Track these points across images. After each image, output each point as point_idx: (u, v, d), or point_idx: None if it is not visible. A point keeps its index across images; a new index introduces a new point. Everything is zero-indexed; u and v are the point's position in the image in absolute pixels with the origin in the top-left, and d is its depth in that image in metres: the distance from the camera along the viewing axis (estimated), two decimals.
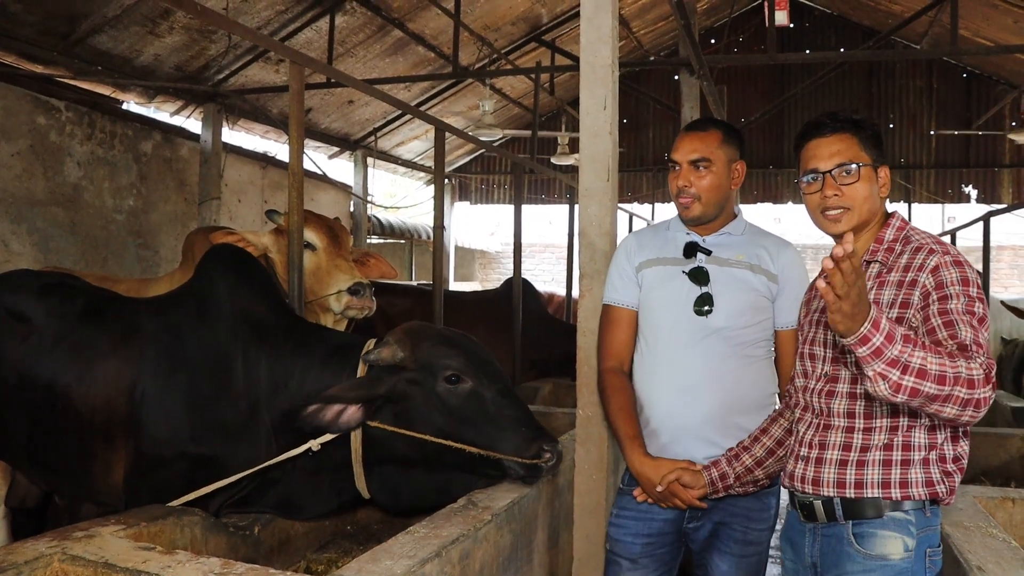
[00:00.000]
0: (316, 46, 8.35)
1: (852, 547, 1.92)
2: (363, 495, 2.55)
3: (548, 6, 9.99)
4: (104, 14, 6.57)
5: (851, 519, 1.93)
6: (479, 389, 2.41)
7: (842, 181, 1.97)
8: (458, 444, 2.36)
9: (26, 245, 6.63)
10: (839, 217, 1.98)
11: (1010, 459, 3.95)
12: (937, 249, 1.90)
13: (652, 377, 2.47)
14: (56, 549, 1.97)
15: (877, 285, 1.94)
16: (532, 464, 2.37)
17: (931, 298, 1.82)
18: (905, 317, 1.86)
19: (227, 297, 2.67)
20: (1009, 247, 16.09)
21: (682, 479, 2.29)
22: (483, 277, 18.35)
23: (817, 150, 2.01)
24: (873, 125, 2.04)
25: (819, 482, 1.96)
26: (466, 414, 2.39)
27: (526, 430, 2.40)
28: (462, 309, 5.99)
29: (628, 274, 2.54)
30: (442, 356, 2.42)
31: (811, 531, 2.02)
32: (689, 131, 2.51)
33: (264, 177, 9.70)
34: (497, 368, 2.51)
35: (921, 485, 1.88)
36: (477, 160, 14.53)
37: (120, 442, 2.58)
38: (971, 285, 1.82)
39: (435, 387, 2.40)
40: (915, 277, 1.88)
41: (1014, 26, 9.41)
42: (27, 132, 6.66)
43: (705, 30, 12.37)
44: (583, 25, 2.79)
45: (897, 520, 1.89)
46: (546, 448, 2.38)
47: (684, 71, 7.48)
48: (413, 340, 2.45)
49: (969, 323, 1.75)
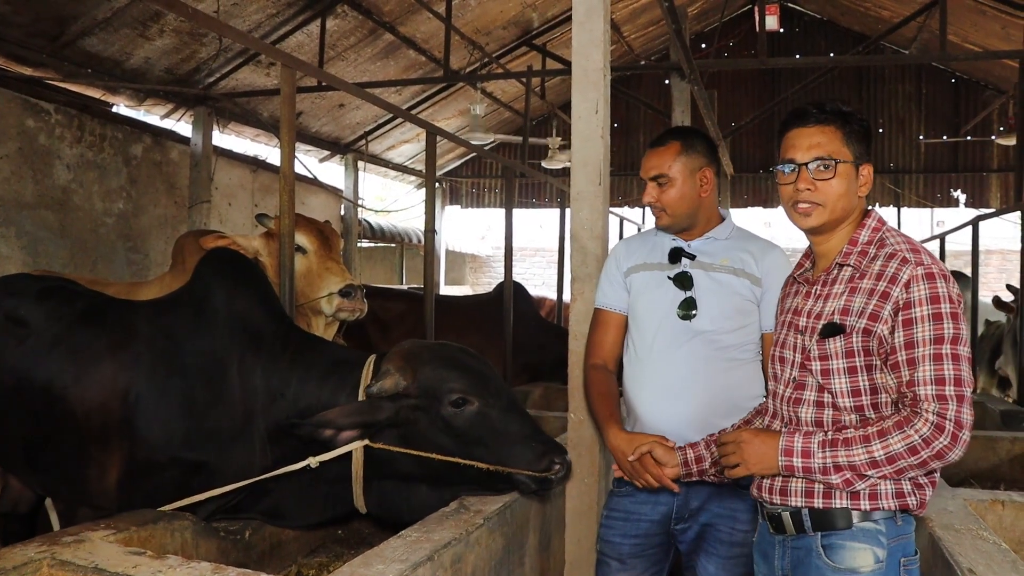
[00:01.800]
0: (307, 49, 8.34)
1: (821, 560, 1.86)
2: (360, 511, 2.54)
3: (539, 10, 10.01)
4: (94, 16, 6.54)
5: (820, 530, 1.87)
6: (485, 409, 2.38)
7: (817, 176, 1.90)
8: (467, 461, 2.35)
9: (15, 248, 6.59)
10: (809, 211, 1.92)
11: (999, 462, 3.97)
12: (911, 259, 1.82)
13: (639, 380, 2.50)
14: (45, 554, 1.96)
15: (849, 291, 1.88)
16: (543, 477, 2.37)
17: (899, 318, 1.79)
18: (873, 330, 1.81)
19: (224, 303, 2.66)
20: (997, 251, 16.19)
21: (655, 452, 2.24)
22: (474, 281, 18.34)
23: (797, 140, 1.94)
24: (861, 120, 1.97)
25: (787, 492, 1.91)
26: (474, 434, 2.37)
27: (536, 444, 2.39)
28: (455, 313, 5.99)
29: (616, 279, 2.60)
30: (445, 380, 2.39)
31: (780, 543, 1.97)
32: (650, 147, 2.53)
33: (254, 180, 9.68)
34: (500, 383, 2.49)
35: (891, 497, 1.82)
36: (468, 164, 14.53)
37: (115, 446, 2.56)
38: (942, 301, 1.76)
39: (440, 412, 2.37)
40: (887, 289, 1.81)
41: (1002, 32, 9.48)
42: (16, 135, 6.62)
43: (696, 35, 12.43)
44: (575, 29, 2.80)
45: (866, 531, 1.84)
46: (556, 460, 2.37)
47: (675, 75, 7.51)
48: (414, 366, 2.41)
49: (933, 356, 1.74)
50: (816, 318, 1.92)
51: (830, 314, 1.89)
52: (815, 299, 1.96)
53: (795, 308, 2.02)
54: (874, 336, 1.81)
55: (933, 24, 8.35)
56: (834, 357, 1.87)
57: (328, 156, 11.33)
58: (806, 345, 1.93)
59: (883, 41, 10.43)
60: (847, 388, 1.86)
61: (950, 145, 12.53)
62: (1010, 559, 2.12)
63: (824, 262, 2.00)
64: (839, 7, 12.09)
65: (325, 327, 3.56)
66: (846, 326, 1.85)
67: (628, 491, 2.50)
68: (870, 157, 1.97)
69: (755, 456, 1.88)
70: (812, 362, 1.90)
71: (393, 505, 2.53)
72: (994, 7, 8.86)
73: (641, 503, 2.47)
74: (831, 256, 1.97)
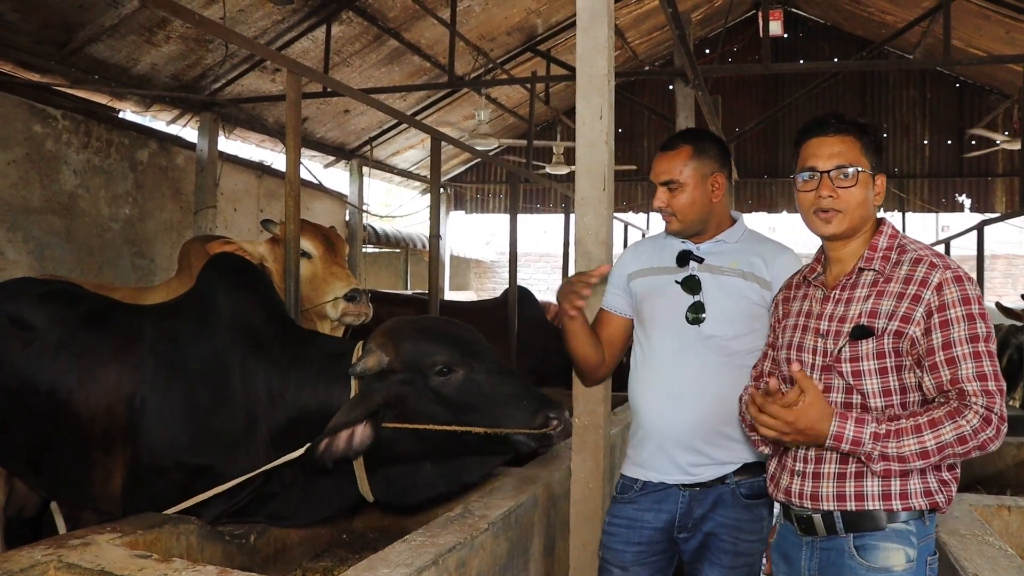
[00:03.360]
0: (312, 55, 8.37)
1: (854, 560, 1.88)
2: (367, 498, 2.53)
3: (543, 16, 10.03)
4: (101, 23, 6.58)
5: (852, 531, 1.89)
6: (471, 374, 2.38)
7: (839, 183, 1.94)
8: (463, 428, 2.33)
9: (22, 253, 6.62)
10: (831, 218, 1.96)
11: (1005, 467, 3.96)
12: (939, 263, 1.88)
13: (645, 385, 2.48)
14: (52, 557, 1.97)
15: (875, 295, 1.91)
16: (542, 434, 2.33)
17: (934, 320, 1.83)
18: (906, 331, 1.84)
19: (227, 308, 2.66)
20: (1003, 256, 16.18)
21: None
22: (478, 286, 18.36)
23: (818, 148, 1.98)
24: (876, 131, 2.02)
25: (818, 497, 1.92)
26: (465, 401, 2.36)
27: (527, 402, 2.35)
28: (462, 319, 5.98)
29: (618, 283, 2.62)
30: (426, 352, 2.38)
31: (808, 544, 1.97)
32: (661, 151, 2.51)
33: (260, 186, 9.70)
34: (484, 346, 2.48)
35: (920, 496, 1.86)
36: (472, 170, 14.55)
37: (119, 450, 2.57)
38: (972, 303, 1.82)
39: (428, 383, 2.37)
40: (918, 292, 1.86)
41: (1006, 36, 9.47)
42: (23, 140, 6.65)
43: (700, 40, 12.45)
44: (579, 35, 2.81)
45: (899, 531, 1.87)
46: (552, 416, 2.33)
47: (679, 81, 7.51)
48: (395, 341, 2.42)
49: (972, 354, 1.79)
50: (840, 321, 1.94)
51: (856, 317, 1.92)
52: (835, 303, 1.98)
53: (810, 312, 2.04)
54: (906, 338, 1.85)
55: (937, 29, 8.35)
56: (865, 359, 1.89)
57: (333, 162, 11.37)
58: (829, 349, 1.94)
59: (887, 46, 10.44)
60: (879, 388, 1.88)
61: (955, 150, 12.51)
62: (1016, 564, 2.12)
63: (840, 267, 2.02)
64: (843, 12, 12.10)
65: (330, 332, 3.57)
66: (875, 328, 1.88)
67: (631, 498, 2.49)
68: (883, 168, 2.02)
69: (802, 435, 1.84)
70: (842, 364, 1.92)
71: (399, 488, 2.51)
72: (998, 12, 8.86)
73: (644, 510, 2.46)
74: (847, 261, 2.01)
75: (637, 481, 2.49)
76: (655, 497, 2.45)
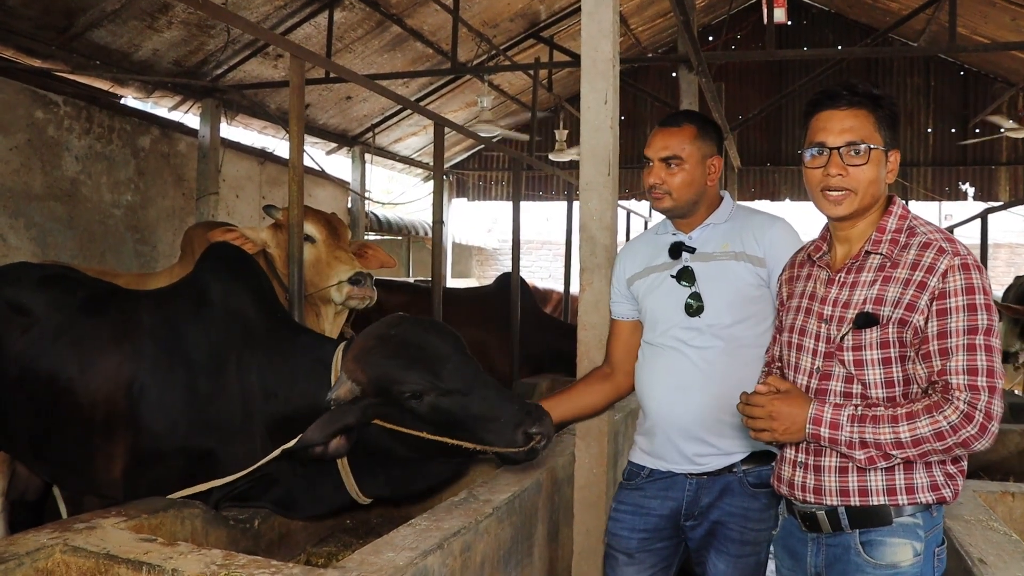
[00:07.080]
0: (314, 41, 8.34)
1: (860, 557, 1.83)
2: (359, 501, 2.51)
3: (546, 3, 9.98)
4: (103, 8, 6.55)
5: (858, 528, 1.84)
6: (442, 398, 2.30)
7: (849, 161, 1.84)
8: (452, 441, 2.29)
9: (24, 239, 6.62)
10: (840, 200, 1.86)
11: (1009, 454, 3.96)
12: (947, 249, 1.79)
13: (650, 379, 2.49)
14: (58, 540, 1.97)
15: (881, 280, 1.83)
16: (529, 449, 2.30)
17: (934, 308, 1.76)
18: (910, 320, 1.77)
19: (221, 298, 2.65)
20: (1006, 244, 16.15)
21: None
22: (480, 274, 18.34)
23: (828, 123, 1.87)
24: (892, 103, 1.89)
25: (820, 491, 1.87)
26: (442, 420, 2.30)
27: (507, 418, 2.29)
28: (454, 306, 5.96)
29: (620, 290, 2.65)
30: (393, 379, 2.29)
31: (814, 541, 1.93)
32: (662, 126, 2.46)
33: (262, 172, 9.69)
34: (460, 359, 2.36)
35: (927, 490, 1.80)
36: (475, 157, 14.53)
37: (120, 435, 2.57)
38: (977, 292, 1.74)
39: (403, 406, 2.31)
40: (924, 279, 1.77)
41: (1011, 24, 9.42)
42: (25, 126, 6.64)
43: (703, 27, 12.39)
44: (584, 20, 2.80)
45: (906, 526, 1.82)
46: (534, 432, 2.29)
47: (682, 68, 7.48)
48: (363, 367, 2.32)
49: (967, 345, 1.71)
50: (844, 307, 1.88)
51: (860, 303, 1.85)
52: (839, 287, 1.91)
53: (813, 294, 1.97)
54: (910, 326, 1.78)
55: (942, 16, 8.30)
56: (868, 348, 1.83)
57: (335, 148, 11.34)
58: (832, 335, 1.89)
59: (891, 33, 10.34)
60: (881, 379, 1.82)
61: (958, 138, 12.47)
62: (1020, 549, 2.12)
63: (846, 248, 1.95)
64: None
65: (335, 316, 3.57)
66: (880, 316, 1.81)
67: (638, 484, 2.49)
68: (898, 143, 1.92)
69: (783, 423, 1.84)
70: (844, 352, 1.86)
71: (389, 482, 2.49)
72: None
73: (651, 497, 2.46)
74: (855, 242, 1.93)
75: (644, 468, 2.49)
76: (662, 484, 2.45)
